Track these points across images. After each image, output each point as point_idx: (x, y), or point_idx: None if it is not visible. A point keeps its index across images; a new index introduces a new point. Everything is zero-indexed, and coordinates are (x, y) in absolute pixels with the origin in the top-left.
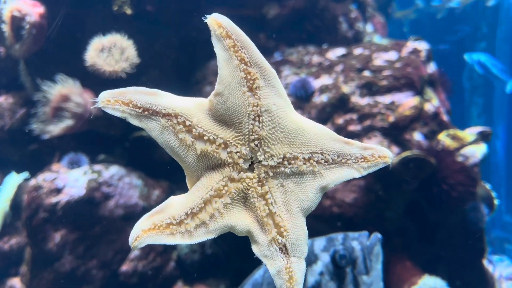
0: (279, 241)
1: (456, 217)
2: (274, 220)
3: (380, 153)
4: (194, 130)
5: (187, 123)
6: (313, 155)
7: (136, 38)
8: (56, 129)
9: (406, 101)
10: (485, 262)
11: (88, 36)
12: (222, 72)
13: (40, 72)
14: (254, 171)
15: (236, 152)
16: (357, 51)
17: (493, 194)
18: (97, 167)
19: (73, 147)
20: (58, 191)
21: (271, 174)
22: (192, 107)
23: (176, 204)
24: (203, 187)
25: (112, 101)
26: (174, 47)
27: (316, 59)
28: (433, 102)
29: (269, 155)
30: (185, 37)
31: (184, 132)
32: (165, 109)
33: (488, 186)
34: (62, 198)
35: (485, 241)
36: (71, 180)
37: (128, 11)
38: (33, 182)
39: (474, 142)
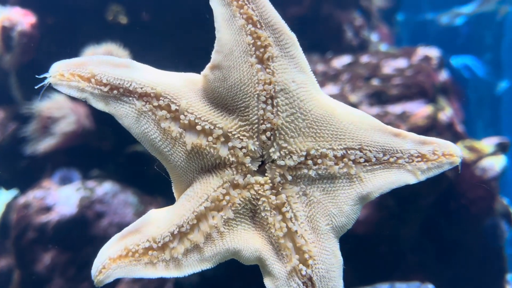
0: (303, 272)
1: (475, 235)
2: (295, 243)
3: (444, 149)
4: (182, 117)
5: (173, 107)
6: (349, 152)
7: (132, 47)
8: (46, 145)
9: (419, 111)
10: (505, 283)
11: (82, 45)
12: (221, 36)
13: (32, 84)
14: (266, 174)
15: (241, 148)
16: (364, 59)
17: (511, 209)
18: (90, 183)
19: (65, 162)
20: (48, 209)
21: (289, 178)
22: (180, 86)
23: (157, 221)
24: (195, 197)
25: (67, 76)
26: (172, 56)
27: (320, 68)
28: (446, 112)
29: (287, 152)
30: (183, 46)
31: (169, 120)
32: (141, 87)
33: (505, 201)
34: (53, 217)
35: (505, 260)
36: (62, 197)
37: (124, 21)
38: (22, 199)
39: (493, 153)
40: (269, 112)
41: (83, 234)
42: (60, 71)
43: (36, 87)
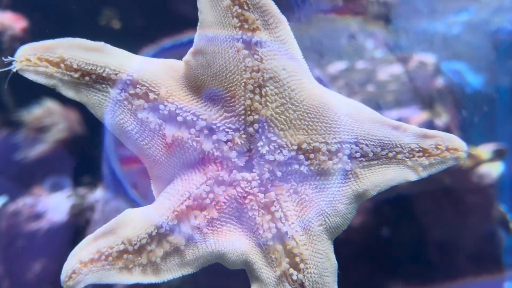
0: (294, 277)
1: (472, 242)
2: (285, 245)
3: (448, 143)
4: (161, 106)
5: (151, 95)
6: (344, 146)
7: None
8: (37, 152)
9: (415, 117)
10: None
11: None
12: (204, 18)
13: (24, 89)
14: (254, 170)
15: (227, 141)
16: (359, 65)
17: (508, 217)
18: (81, 190)
19: (56, 169)
20: (38, 217)
21: (279, 174)
22: (159, 73)
23: (134, 221)
24: (176, 195)
25: (34, 60)
26: None
27: (315, 74)
28: (443, 118)
29: (276, 146)
30: (177, 52)
31: (147, 110)
32: (116, 73)
33: (502, 208)
34: (43, 224)
35: (503, 268)
36: (53, 204)
37: (117, 26)
38: (12, 207)
39: (490, 160)
40: (257, 102)
41: (75, 242)
42: (26, 55)
43: None
